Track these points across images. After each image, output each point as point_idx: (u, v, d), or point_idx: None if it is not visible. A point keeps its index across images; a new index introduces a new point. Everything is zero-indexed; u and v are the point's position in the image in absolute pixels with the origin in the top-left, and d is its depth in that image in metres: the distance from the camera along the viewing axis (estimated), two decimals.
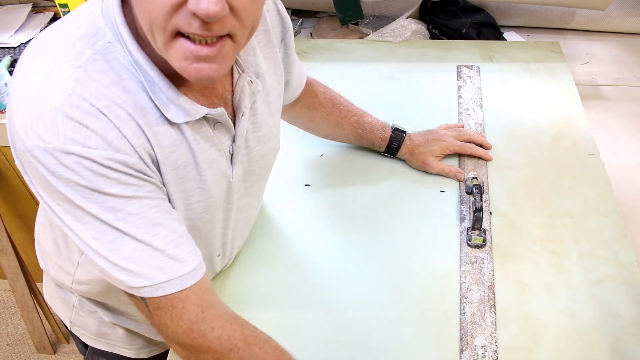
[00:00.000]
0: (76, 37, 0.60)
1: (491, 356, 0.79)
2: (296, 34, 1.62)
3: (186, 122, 0.65)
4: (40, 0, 1.81)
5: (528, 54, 1.40)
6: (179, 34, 0.55)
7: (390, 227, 0.99)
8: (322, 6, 1.66)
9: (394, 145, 1.07)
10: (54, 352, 1.94)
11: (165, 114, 0.62)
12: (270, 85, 0.78)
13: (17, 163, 0.63)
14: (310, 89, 1.02)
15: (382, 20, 1.60)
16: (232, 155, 0.73)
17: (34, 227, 0.86)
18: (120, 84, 0.60)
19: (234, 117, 0.72)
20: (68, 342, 1.95)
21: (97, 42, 0.60)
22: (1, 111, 1.43)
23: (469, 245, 0.94)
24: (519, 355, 0.80)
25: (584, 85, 1.38)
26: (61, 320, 1.21)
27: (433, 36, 1.55)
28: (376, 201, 1.04)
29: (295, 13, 1.74)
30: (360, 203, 1.03)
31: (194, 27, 0.54)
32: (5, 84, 1.42)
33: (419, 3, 1.58)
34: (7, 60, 1.57)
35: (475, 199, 0.96)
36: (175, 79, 0.63)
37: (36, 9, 1.81)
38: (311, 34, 1.64)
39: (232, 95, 0.72)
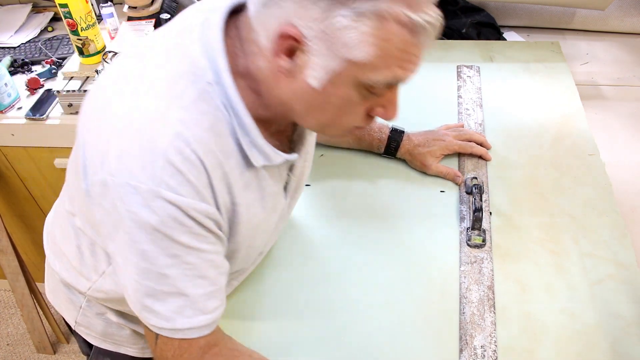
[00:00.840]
0: (177, 73, 0.61)
1: (491, 356, 0.79)
2: None
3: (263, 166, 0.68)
4: (40, 0, 1.81)
5: (528, 54, 1.40)
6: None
7: (390, 227, 0.99)
8: None
9: (392, 145, 1.07)
10: (54, 352, 1.94)
11: (250, 158, 0.65)
12: None
13: (86, 184, 0.63)
14: None
15: None
16: (286, 184, 0.77)
17: (34, 227, 0.86)
18: (215, 127, 0.62)
19: (290, 150, 0.74)
20: (68, 342, 1.95)
21: (198, 82, 0.61)
22: (1, 111, 1.43)
23: (468, 245, 0.94)
24: (518, 355, 0.80)
25: (584, 85, 1.38)
26: (62, 320, 1.21)
27: None
28: (376, 201, 1.04)
29: None
30: (360, 203, 1.03)
31: (367, 123, 0.67)
32: (6, 84, 1.42)
33: None
34: (7, 60, 1.57)
35: (475, 199, 0.96)
36: (256, 114, 0.65)
37: (36, 9, 1.82)
38: None
39: (293, 130, 0.75)
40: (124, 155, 0.59)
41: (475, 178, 1.03)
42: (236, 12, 0.65)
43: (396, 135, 1.07)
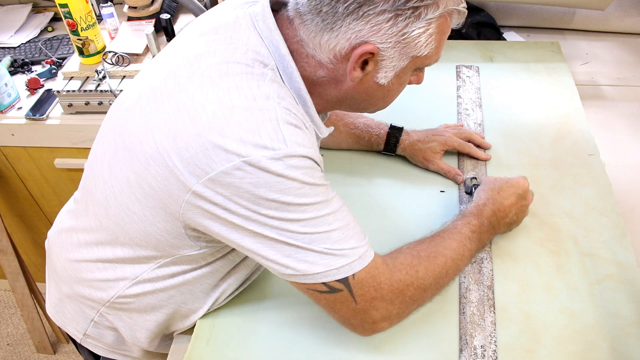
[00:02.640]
0: (249, 58, 0.68)
1: (490, 356, 0.79)
2: None
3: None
4: (40, 0, 1.81)
5: (528, 54, 1.40)
6: None
7: (389, 227, 0.99)
8: None
9: (391, 141, 1.08)
10: (54, 352, 1.94)
11: (316, 131, 0.74)
12: None
13: (202, 188, 0.65)
14: None
15: None
16: None
17: (34, 227, 0.85)
18: (293, 102, 0.69)
19: None
20: (68, 342, 1.95)
21: (266, 66, 0.68)
22: (1, 111, 1.43)
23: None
24: (518, 355, 0.80)
25: (584, 85, 1.38)
26: None
27: None
28: (376, 201, 1.04)
29: None
30: (360, 203, 1.03)
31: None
32: (6, 84, 1.42)
33: None
34: (7, 60, 1.57)
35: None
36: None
37: (36, 9, 1.82)
38: None
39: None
40: (246, 136, 0.62)
41: (475, 178, 1.03)
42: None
43: (395, 132, 1.08)
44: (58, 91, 1.38)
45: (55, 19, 1.77)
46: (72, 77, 1.43)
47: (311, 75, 0.71)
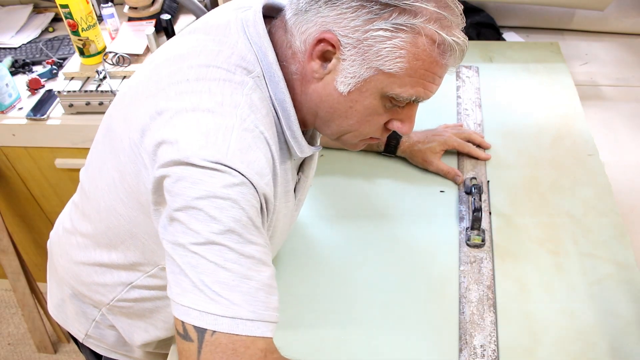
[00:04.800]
0: (232, 63, 0.64)
1: (490, 355, 0.79)
2: None
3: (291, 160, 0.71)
4: (41, 1, 1.81)
5: (527, 55, 1.40)
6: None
7: (389, 226, 0.99)
8: None
9: (392, 143, 1.08)
10: (55, 352, 1.94)
11: (291, 149, 0.69)
12: None
13: (154, 174, 0.61)
14: None
15: None
16: (296, 183, 0.78)
17: (34, 227, 0.86)
18: (268, 116, 0.65)
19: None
20: (69, 342, 1.95)
21: (250, 73, 0.65)
22: (1, 111, 1.43)
23: (468, 245, 0.94)
24: (518, 354, 0.80)
25: (583, 85, 1.38)
26: None
27: None
28: (376, 201, 1.04)
29: None
30: (360, 203, 1.04)
31: (383, 134, 0.71)
32: (7, 84, 1.42)
33: None
34: (8, 60, 1.57)
35: (474, 199, 0.97)
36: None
37: (37, 10, 1.82)
38: None
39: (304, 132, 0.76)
40: (200, 135, 0.59)
41: (475, 178, 1.03)
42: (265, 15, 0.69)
43: (395, 133, 1.06)
44: (59, 91, 1.38)
45: (56, 19, 1.77)
46: (72, 78, 1.43)
47: (288, 73, 0.66)
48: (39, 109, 1.43)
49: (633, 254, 0.92)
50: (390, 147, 1.08)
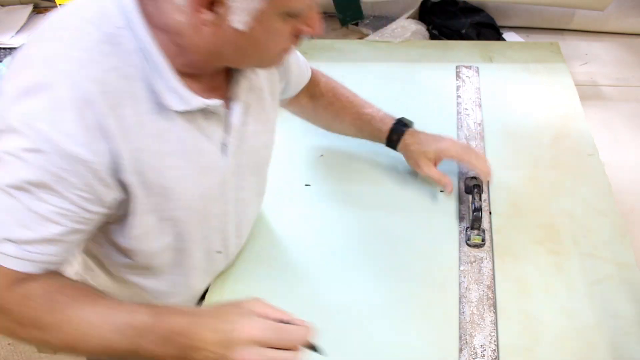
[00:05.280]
0: (85, 19, 0.62)
1: (490, 355, 0.79)
2: None
3: (178, 112, 0.66)
4: (41, 1, 1.81)
5: (527, 55, 1.40)
6: None
7: (389, 226, 0.99)
8: (322, 6, 1.66)
9: (393, 138, 1.03)
10: (55, 352, 1.94)
11: (163, 101, 0.64)
12: (263, 81, 0.81)
13: None
14: (313, 78, 1.03)
15: (382, 20, 1.60)
16: (225, 146, 0.74)
17: None
18: (121, 69, 0.61)
19: (228, 110, 0.74)
20: None
21: (105, 26, 0.61)
22: None
23: (468, 244, 0.94)
24: (518, 354, 0.80)
25: (583, 85, 1.38)
26: None
27: (433, 36, 1.56)
28: (375, 201, 1.04)
29: None
30: (360, 203, 1.04)
31: (295, 42, 0.69)
32: None
33: (419, 4, 1.58)
34: (8, 60, 1.57)
35: (474, 199, 0.96)
36: (180, 68, 0.65)
37: (37, 10, 1.82)
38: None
39: (228, 88, 0.74)
40: (20, 90, 0.59)
41: (475, 178, 1.03)
42: None
43: (399, 128, 1.02)
44: None
45: None
46: None
47: (175, 24, 0.62)
48: None
49: (633, 254, 0.92)
50: (391, 142, 1.04)
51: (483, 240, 0.94)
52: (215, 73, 0.72)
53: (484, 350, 0.80)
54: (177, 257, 0.79)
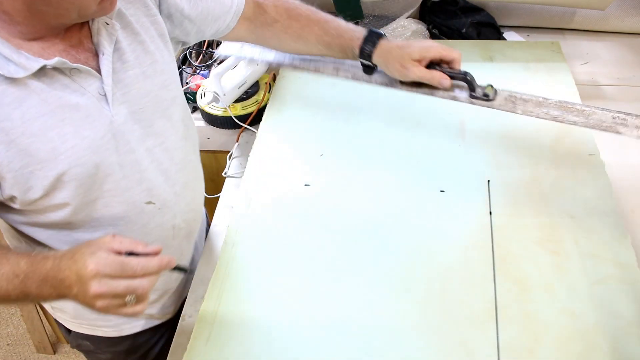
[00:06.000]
0: None
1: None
2: None
3: (31, 76, 0.68)
4: None
5: (528, 54, 1.39)
6: None
7: (389, 226, 0.99)
8: (322, 6, 1.65)
9: (366, 48, 0.97)
10: (54, 352, 1.94)
11: (3, 74, 0.66)
12: (140, 25, 0.80)
13: None
14: (258, 5, 1.01)
15: (382, 20, 1.60)
16: (105, 96, 0.75)
17: None
18: None
19: (97, 61, 0.74)
20: (68, 342, 1.95)
21: None
22: None
23: (474, 97, 0.93)
24: (518, 355, 0.80)
25: (584, 85, 1.38)
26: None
27: (433, 36, 1.55)
28: (375, 201, 1.04)
29: None
30: (360, 203, 1.03)
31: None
32: None
33: (419, 3, 1.58)
34: None
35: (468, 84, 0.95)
36: (23, 36, 0.68)
37: None
38: None
39: (92, 41, 0.75)
40: None
41: (492, 85, 0.97)
42: None
43: (372, 37, 0.97)
44: None
45: None
46: None
47: None
48: None
49: (634, 254, 0.91)
50: (364, 53, 0.97)
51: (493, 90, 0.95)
52: (68, 30, 0.73)
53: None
54: (90, 210, 0.79)
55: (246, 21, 1.00)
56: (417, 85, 0.96)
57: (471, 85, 0.94)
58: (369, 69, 1.04)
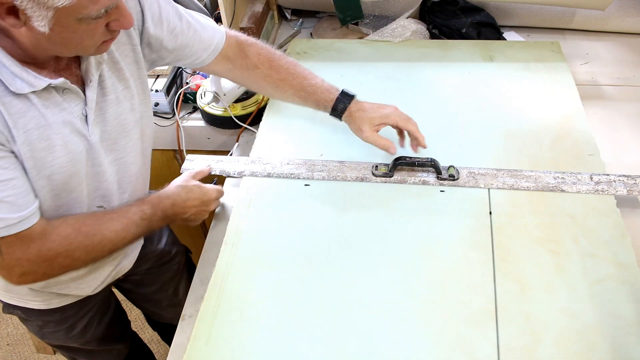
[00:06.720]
0: None
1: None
2: (296, 34, 1.62)
3: (33, 92, 0.77)
4: None
5: (528, 54, 1.40)
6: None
7: (388, 226, 0.99)
8: (322, 6, 1.66)
9: (339, 107, 1.06)
10: (54, 352, 1.94)
11: (9, 87, 0.74)
12: (120, 53, 0.89)
13: None
14: (241, 50, 1.08)
15: (382, 20, 1.60)
16: (86, 117, 0.84)
17: None
18: None
19: (83, 85, 0.84)
20: None
21: None
22: None
23: (441, 179, 1.04)
24: (519, 355, 0.80)
25: (584, 85, 1.38)
26: None
27: (433, 36, 1.55)
28: (375, 201, 1.04)
29: (295, 13, 1.74)
30: (360, 203, 1.03)
31: (112, 35, 0.79)
32: None
33: (419, 3, 1.58)
34: None
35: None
36: (22, 59, 0.76)
37: None
38: (311, 34, 1.64)
39: (80, 67, 0.84)
40: None
41: (453, 167, 1.06)
42: None
43: (344, 98, 1.06)
44: None
45: None
46: None
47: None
48: None
49: (634, 254, 0.91)
50: (337, 111, 1.07)
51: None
52: (60, 58, 0.81)
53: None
54: (53, 211, 0.87)
55: (226, 60, 1.07)
56: (388, 175, 1.06)
57: (438, 169, 1.05)
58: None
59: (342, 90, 1.07)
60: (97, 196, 0.92)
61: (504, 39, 1.54)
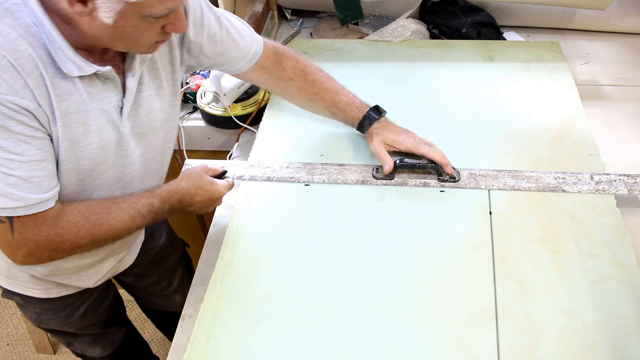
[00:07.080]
0: None
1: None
2: (296, 34, 1.62)
3: (79, 77, 0.79)
4: None
5: (528, 54, 1.39)
6: None
7: (389, 226, 0.99)
8: (322, 6, 1.66)
9: (365, 124, 1.10)
10: (54, 352, 1.94)
11: (62, 68, 0.77)
12: (159, 52, 0.91)
13: None
14: (278, 61, 1.10)
15: (382, 20, 1.60)
16: (121, 108, 0.86)
17: None
18: (26, 38, 0.74)
19: (124, 78, 0.86)
20: None
21: (4, 2, 0.73)
22: None
23: (443, 180, 1.05)
24: (518, 355, 0.80)
25: (584, 85, 1.38)
26: None
27: (433, 36, 1.55)
28: (375, 201, 1.04)
29: (295, 13, 1.74)
30: (360, 203, 1.03)
31: (165, 37, 0.82)
32: None
33: (419, 3, 1.58)
34: None
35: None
36: (76, 45, 0.78)
37: None
38: (311, 34, 1.64)
39: (124, 60, 0.86)
40: None
41: (454, 169, 1.06)
42: None
43: (371, 116, 1.09)
44: None
45: None
46: None
47: (62, 10, 0.74)
48: None
49: (634, 254, 0.91)
50: (363, 127, 1.10)
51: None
52: (108, 49, 0.83)
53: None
54: (74, 195, 0.89)
55: (262, 69, 1.08)
56: (388, 178, 1.07)
57: (438, 171, 1.05)
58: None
59: (372, 107, 1.10)
60: (118, 187, 0.93)
61: (504, 39, 1.54)
